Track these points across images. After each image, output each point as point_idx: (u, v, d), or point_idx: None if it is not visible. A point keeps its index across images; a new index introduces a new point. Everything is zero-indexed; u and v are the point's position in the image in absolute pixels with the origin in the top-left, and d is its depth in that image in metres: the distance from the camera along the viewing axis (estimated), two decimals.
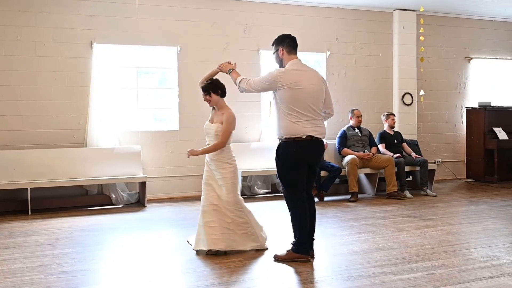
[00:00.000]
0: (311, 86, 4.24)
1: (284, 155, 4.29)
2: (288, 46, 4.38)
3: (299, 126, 4.19)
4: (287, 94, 4.20)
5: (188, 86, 8.30)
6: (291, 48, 4.38)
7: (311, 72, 4.34)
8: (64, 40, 7.74)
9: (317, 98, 4.27)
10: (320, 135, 4.28)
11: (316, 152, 4.31)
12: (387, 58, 9.81)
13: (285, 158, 4.29)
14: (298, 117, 4.19)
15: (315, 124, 4.25)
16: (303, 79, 4.23)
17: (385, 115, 8.82)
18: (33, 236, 5.58)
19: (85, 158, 7.61)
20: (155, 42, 8.22)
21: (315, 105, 4.25)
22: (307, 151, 4.23)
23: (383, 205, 7.41)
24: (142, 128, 8.26)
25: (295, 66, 4.31)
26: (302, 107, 4.19)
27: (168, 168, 8.30)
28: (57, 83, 7.72)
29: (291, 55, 4.38)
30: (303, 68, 4.34)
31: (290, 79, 4.20)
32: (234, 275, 4.05)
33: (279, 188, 8.76)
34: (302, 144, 4.21)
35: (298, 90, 4.18)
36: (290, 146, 4.25)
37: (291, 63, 4.33)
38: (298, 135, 4.20)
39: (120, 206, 7.70)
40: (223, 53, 8.58)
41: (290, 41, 4.40)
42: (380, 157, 8.24)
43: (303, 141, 4.21)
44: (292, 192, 4.35)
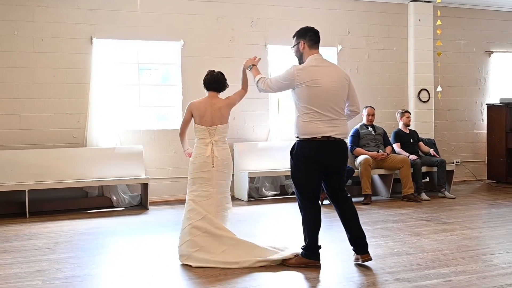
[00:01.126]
0: (331, 83, 4.18)
1: (297, 155, 4.26)
2: (310, 40, 4.33)
3: (315, 126, 4.14)
4: (305, 92, 4.15)
5: (192, 82, 8.31)
6: (313, 42, 4.34)
7: (331, 68, 4.28)
8: (63, 35, 7.78)
9: (338, 96, 4.22)
10: (339, 135, 4.20)
11: (334, 154, 4.22)
12: (402, 52, 9.77)
13: (297, 158, 4.26)
14: (316, 116, 4.14)
15: (335, 124, 4.18)
16: (322, 76, 4.17)
17: (400, 112, 8.79)
18: (31, 240, 5.61)
19: (85, 158, 7.65)
20: (157, 37, 8.25)
21: (335, 103, 4.19)
22: (322, 153, 4.17)
23: (398, 208, 7.39)
24: (144, 127, 8.29)
25: (314, 62, 4.25)
26: (321, 106, 4.14)
27: (172, 169, 8.32)
28: (55, 80, 7.76)
29: (312, 50, 4.33)
30: (323, 64, 4.27)
31: (308, 77, 4.15)
32: (240, 282, 4.05)
33: (288, 190, 8.77)
34: (316, 145, 4.16)
35: (316, 88, 4.13)
36: (304, 146, 4.22)
37: (310, 59, 4.28)
38: (313, 135, 4.15)
39: (121, 208, 7.72)
40: (229, 48, 8.60)
41: (313, 35, 4.35)
42: (395, 157, 8.22)
43: (317, 142, 4.16)
44: (302, 195, 4.33)
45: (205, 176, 4.69)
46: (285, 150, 8.55)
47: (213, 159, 4.69)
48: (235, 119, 8.45)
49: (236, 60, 8.56)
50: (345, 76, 4.31)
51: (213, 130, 4.75)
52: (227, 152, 4.77)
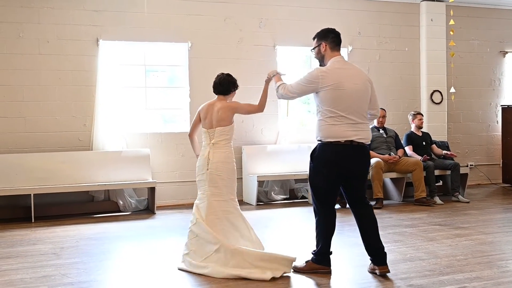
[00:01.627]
0: (355, 86, 4.16)
1: (317, 158, 4.23)
2: (332, 42, 4.30)
3: (339, 129, 4.10)
4: (328, 95, 4.12)
5: (200, 84, 8.33)
6: (335, 44, 4.30)
7: (355, 71, 4.26)
8: (69, 37, 7.83)
9: (362, 99, 4.20)
10: (363, 139, 4.17)
11: (356, 159, 4.18)
12: (414, 53, 9.75)
13: (317, 161, 4.23)
14: (340, 120, 4.11)
15: (359, 128, 4.15)
16: (346, 78, 4.15)
17: (412, 114, 8.77)
18: (37, 245, 5.64)
19: (91, 162, 7.68)
20: (164, 38, 8.28)
21: (359, 107, 4.17)
22: (344, 157, 4.14)
23: (410, 212, 7.36)
24: (151, 130, 8.32)
25: (337, 64, 4.22)
26: (345, 109, 4.11)
27: (179, 173, 8.34)
28: (61, 83, 7.80)
29: (334, 52, 4.29)
30: (346, 66, 4.25)
31: (332, 79, 4.12)
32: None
33: (298, 194, 8.76)
34: (339, 149, 4.13)
35: (341, 91, 4.10)
36: (326, 150, 4.18)
37: (333, 61, 4.25)
38: (336, 138, 4.11)
39: (128, 213, 7.75)
40: (237, 49, 8.61)
41: (335, 37, 4.31)
42: (407, 160, 8.19)
43: (341, 146, 4.12)
44: (319, 199, 4.30)
45: (203, 179, 4.75)
46: (295, 153, 8.66)
47: (208, 162, 4.69)
48: (244, 122, 8.46)
49: (244, 61, 8.60)
50: (368, 79, 4.30)
51: (212, 133, 4.77)
52: (225, 156, 4.71)
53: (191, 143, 5.05)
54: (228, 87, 4.86)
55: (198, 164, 4.80)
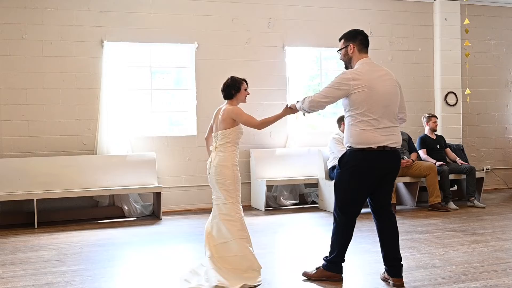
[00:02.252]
0: (386, 88, 4.15)
1: (347, 165, 4.17)
2: (360, 43, 4.29)
3: (372, 135, 4.06)
4: (361, 98, 4.08)
5: (207, 87, 8.35)
6: (363, 46, 4.30)
7: (384, 73, 4.24)
8: (73, 38, 7.87)
9: (393, 102, 4.18)
10: (395, 144, 4.14)
11: (389, 164, 4.16)
12: (427, 53, 9.72)
13: (347, 168, 4.17)
14: (372, 124, 4.07)
15: (390, 132, 4.12)
16: (377, 80, 4.13)
17: (426, 117, 8.74)
18: (40, 252, 5.66)
19: (95, 166, 7.71)
20: (170, 39, 8.31)
21: (391, 110, 4.15)
22: (377, 164, 4.10)
23: (424, 218, 7.33)
24: (156, 133, 8.34)
25: (367, 66, 4.21)
26: (377, 112, 4.08)
27: (185, 177, 8.35)
28: (65, 85, 7.85)
29: (362, 54, 4.29)
30: (376, 68, 4.24)
31: (364, 82, 4.09)
32: None
33: (308, 199, 8.74)
34: (372, 156, 4.08)
35: (373, 93, 4.08)
36: (358, 156, 4.12)
37: (362, 63, 4.24)
38: (369, 145, 4.06)
39: (133, 218, 7.77)
40: (245, 50, 8.62)
41: (363, 39, 4.31)
42: (420, 164, 8.16)
43: (373, 153, 4.07)
44: (341, 208, 4.26)
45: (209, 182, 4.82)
46: (305, 157, 8.65)
47: (210, 165, 4.72)
48: None
49: (252, 62, 8.60)
50: (396, 80, 4.29)
51: (216, 136, 4.80)
52: (223, 159, 4.66)
53: (206, 146, 5.05)
54: (229, 91, 4.84)
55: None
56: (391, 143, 4.10)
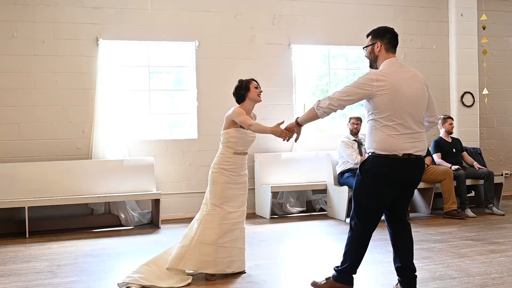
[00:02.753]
0: (414, 90, 4.10)
1: (369, 172, 4.14)
2: (388, 42, 4.25)
3: (397, 141, 4.02)
4: (385, 100, 4.04)
5: (208, 87, 8.36)
6: (391, 45, 4.26)
7: (412, 74, 4.20)
8: (66, 36, 7.89)
9: (420, 105, 4.14)
10: (420, 151, 4.10)
11: (413, 172, 4.13)
12: (442, 51, 9.72)
13: (369, 175, 4.14)
14: (398, 129, 4.03)
15: (417, 139, 4.09)
16: (404, 82, 4.09)
17: (441, 118, 8.72)
18: (32, 262, 5.66)
19: (90, 172, 7.72)
20: (169, 37, 8.32)
21: (417, 113, 4.11)
22: (401, 172, 4.07)
23: (440, 226, 7.32)
24: (155, 137, 8.35)
25: (393, 66, 4.17)
26: (403, 117, 4.04)
27: (186, 183, 8.36)
28: (58, 86, 7.87)
29: (389, 54, 4.25)
30: (403, 69, 4.20)
31: (389, 83, 4.04)
32: None
33: (315, 206, 8.73)
34: (396, 164, 4.04)
35: (399, 96, 4.03)
36: (381, 164, 4.08)
37: (388, 63, 4.20)
38: (393, 152, 4.03)
39: (130, 227, 7.77)
40: (248, 49, 8.63)
41: (392, 37, 4.27)
42: (435, 169, 8.15)
43: (398, 160, 4.04)
44: (359, 216, 4.23)
45: None
46: (312, 162, 8.63)
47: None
48: None
49: (256, 61, 8.61)
50: (424, 82, 4.24)
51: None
52: (213, 161, 5.02)
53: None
54: (239, 92, 5.07)
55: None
56: (417, 151, 4.07)
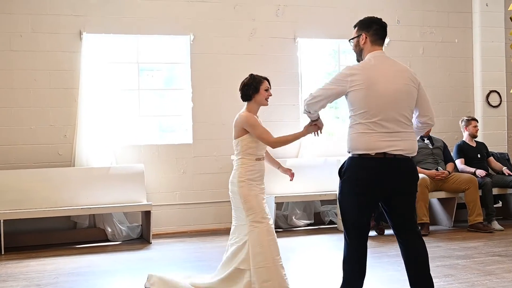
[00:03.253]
0: (394, 86, 4.12)
1: (344, 175, 4.20)
2: (374, 34, 4.30)
3: (370, 139, 4.06)
4: (359, 97, 4.10)
5: (204, 86, 8.36)
6: (377, 37, 4.31)
7: (394, 68, 4.23)
8: (46, 29, 7.90)
9: (401, 102, 4.15)
10: (401, 151, 4.09)
11: (393, 175, 4.11)
12: (465, 45, 9.71)
13: (345, 179, 4.20)
14: (372, 127, 4.07)
15: (396, 138, 4.09)
16: (381, 77, 4.12)
17: (465, 120, 8.70)
18: (8, 282, 5.64)
19: (73, 180, 7.72)
20: (161, 31, 8.33)
21: (397, 112, 4.12)
22: (376, 174, 4.08)
23: (463, 240, 7.31)
24: (145, 142, 8.35)
25: (374, 60, 4.22)
26: (377, 114, 4.07)
27: (180, 194, 8.36)
28: (37, 85, 7.87)
29: (375, 46, 4.30)
30: (384, 62, 4.24)
31: (362, 78, 4.10)
32: None
33: (324, 219, 8.72)
34: (370, 164, 4.08)
35: (373, 91, 4.08)
36: (355, 164, 4.14)
37: (370, 56, 4.25)
38: (366, 150, 4.07)
39: (117, 242, 7.76)
40: (249, 43, 8.63)
41: (379, 29, 4.31)
42: (458, 177, 8.13)
43: (371, 160, 4.07)
44: (345, 225, 4.25)
45: None
46: (320, 169, 8.62)
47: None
48: None
49: (258, 57, 8.60)
50: (412, 78, 4.24)
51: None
52: (233, 175, 4.88)
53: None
54: (246, 91, 5.08)
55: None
56: (394, 150, 4.06)
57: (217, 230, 8.26)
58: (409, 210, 4.24)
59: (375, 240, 7.26)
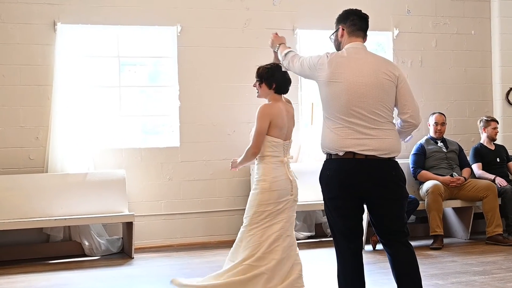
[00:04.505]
0: (360, 79, 4.16)
1: (320, 178, 4.36)
2: (351, 25, 4.39)
3: (338, 136, 4.15)
4: (325, 90, 4.23)
5: (193, 82, 8.33)
6: (354, 28, 4.39)
7: (371, 61, 4.28)
8: (16, 19, 7.87)
9: (372, 97, 4.16)
10: (373, 151, 4.10)
11: (366, 179, 4.13)
12: (483, 37, 9.71)
13: (320, 181, 4.35)
14: (340, 123, 4.15)
15: (366, 136, 4.11)
16: (348, 69, 4.18)
17: (484, 121, 8.68)
18: None
19: (45, 188, 7.68)
20: (145, 21, 8.31)
21: (366, 108, 4.14)
22: (347, 177, 4.14)
23: (481, 254, 7.31)
24: (127, 145, 8.33)
25: (346, 52, 4.32)
26: (343, 110, 4.13)
27: (166, 203, 8.32)
28: (5, 81, 7.84)
29: (352, 38, 4.39)
30: (356, 54, 4.29)
31: (328, 69, 4.20)
32: None
33: (326, 231, 8.70)
34: (337, 165, 4.19)
35: (337, 85, 4.15)
36: (325, 166, 4.31)
37: (345, 47, 4.36)
38: (334, 149, 4.18)
39: (96, 257, 7.73)
40: (243, 35, 8.62)
41: (356, 19, 4.41)
42: (475, 183, 8.12)
43: (340, 161, 4.16)
44: (333, 233, 4.39)
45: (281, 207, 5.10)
46: None
47: (292, 185, 5.15)
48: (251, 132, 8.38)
49: (253, 51, 8.57)
50: (389, 72, 4.24)
51: (287, 146, 5.21)
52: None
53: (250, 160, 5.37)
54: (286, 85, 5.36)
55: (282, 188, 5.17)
56: (363, 150, 4.09)
57: (207, 244, 8.23)
58: (393, 217, 4.23)
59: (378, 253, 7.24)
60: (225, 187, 8.44)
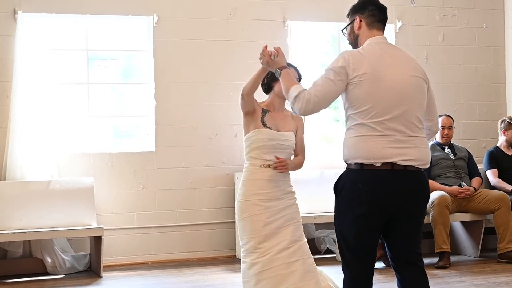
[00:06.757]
0: (402, 78, 4.09)
1: (342, 191, 4.16)
2: (370, 15, 4.28)
3: (375, 144, 4.00)
4: (360, 89, 4.02)
5: (171, 79, 8.32)
6: (374, 19, 4.28)
7: (402, 57, 4.25)
8: None
9: (413, 99, 4.11)
10: (413, 162, 4.03)
11: (401, 192, 4.06)
12: (495, 31, 9.75)
13: (342, 195, 4.16)
14: (377, 129, 4.01)
15: (407, 144, 4.03)
16: (389, 67, 4.09)
17: (506, 122, 8.55)
18: None
19: (3, 198, 7.65)
20: (117, 10, 8.30)
21: (409, 110, 4.07)
22: (383, 191, 4.03)
23: (492, 273, 7.32)
24: (95, 149, 8.31)
25: (376, 46, 4.19)
26: (385, 112, 4.01)
27: (139, 215, 8.30)
28: None
29: (373, 31, 4.27)
30: (390, 50, 4.23)
31: (367, 65, 4.04)
32: None
33: (320, 246, 8.73)
34: (374, 177, 4.02)
35: (380, 84, 4.02)
36: (354, 177, 4.09)
37: (371, 42, 4.22)
38: (370, 159, 4.01)
39: (59, 276, 7.71)
40: (228, 26, 8.61)
41: (375, 10, 4.30)
42: (486, 194, 8.13)
43: (376, 172, 4.02)
44: (347, 250, 4.22)
45: None
46: (316, 184, 8.59)
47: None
48: (237, 136, 8.39)
49: (239, 44, 8.59)
50: (421, 70, 4.23)
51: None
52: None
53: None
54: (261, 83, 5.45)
55: None
56: (404, 160, 4.01)
57: (185, 261, 8.21)
58: (415, 238, 4.23)
59: (385, 272, 7.23)
60: (206, 197, 8.42)
